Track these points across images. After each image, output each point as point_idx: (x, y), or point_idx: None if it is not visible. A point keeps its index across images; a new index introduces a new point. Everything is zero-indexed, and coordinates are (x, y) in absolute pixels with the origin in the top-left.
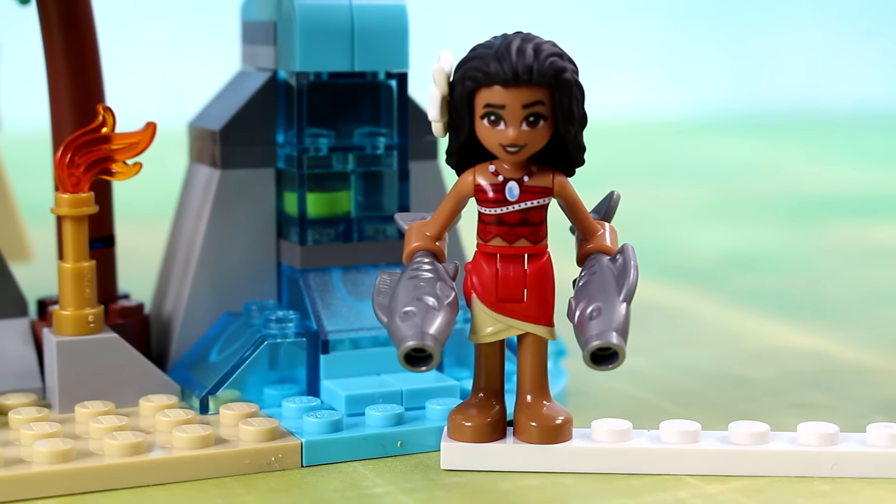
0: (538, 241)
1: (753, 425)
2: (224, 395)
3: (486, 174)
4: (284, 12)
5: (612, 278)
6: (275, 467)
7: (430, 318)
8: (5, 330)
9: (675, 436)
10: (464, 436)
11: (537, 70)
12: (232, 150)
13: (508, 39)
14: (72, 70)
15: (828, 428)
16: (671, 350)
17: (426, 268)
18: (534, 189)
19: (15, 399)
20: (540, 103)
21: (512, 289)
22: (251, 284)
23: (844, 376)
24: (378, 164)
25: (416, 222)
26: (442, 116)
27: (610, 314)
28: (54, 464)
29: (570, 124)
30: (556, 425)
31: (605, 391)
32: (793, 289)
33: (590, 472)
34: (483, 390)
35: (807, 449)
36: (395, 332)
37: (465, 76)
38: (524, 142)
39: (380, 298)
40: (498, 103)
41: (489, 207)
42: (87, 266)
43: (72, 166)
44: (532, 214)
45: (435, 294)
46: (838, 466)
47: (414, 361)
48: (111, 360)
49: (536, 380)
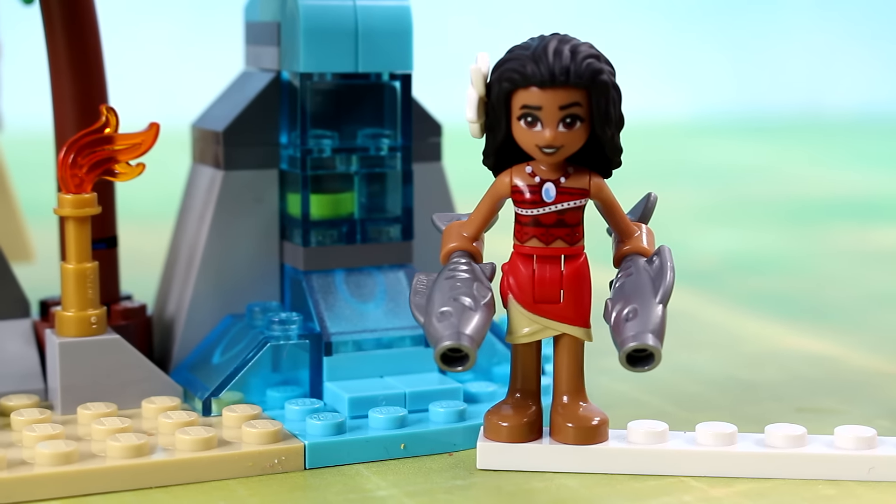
0: (575, 243)
1: (791, 428)
2: (227, 396)
3: (522, 175)
4: (288, 13)
5: (648, 280)
6: (278, 470)
7: (466, 318)
8: (7, 331)
9: (711, 438)
10: (500, 436)
11: (574, 71)
12: (235, 150)
13: (545, 41)
14: (75, 70)
15: (865, 432)
16: (675, 353)
17: (463, 268)
18: (570, 190)
19: (17, 400)
20: (577, 105)
21: (548, 289)
22: (254, 286)
23: (849, 380)
24: (382, 166)
25: (454, 223)
26: (479, 118)
27: (646, 316)
28: (56, 466)
29: (608, 125)
30: (593, 426)
31: (609, 394)
32: (796, 292)
33: (627, 473)
34: (519, 391)
35: (846, 453)
36: (431, 331)
37: (502, 77)
38: (561, 143)
39: (417, 298)
40: (535, 104)
41: (526, 208)
42: (89, 267)
43: (75, 167)
44: (569, 216)
45: (472, 294)
46: (875, 470)
47: (450, 361)
48: (113, 362)
49: (573, 380)
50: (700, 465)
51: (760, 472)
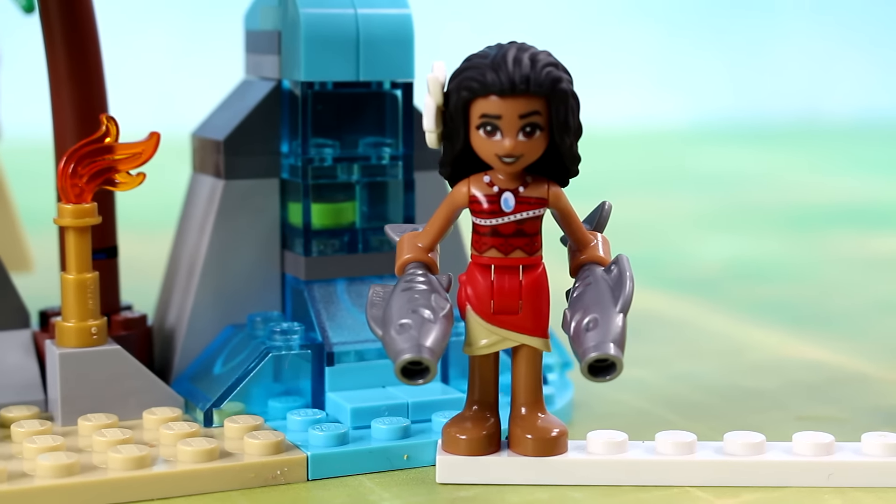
0: (533, 252)
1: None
2: (228, 407)
3: (480, 185)
4: (289, 21)
5: (607, 289)
6: (280, 481)
7: (426, 330)
8: (7, 341)
9: (672, 447)
10: (459, 449)
11: (534, 80)
12: (236, 160)
13: (504, 49)
14: (75, 79)
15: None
16: (676, 361)
17: (420, 279)
18: (529, 199)
19: (17, 412)
20: (536, 113)
21: (507, 300)
22: (255, 296)
23: (850, 388)
24: (383, 175)
25: (408, 234)
26: (437, 127)
27: (607, 325)
28: (57, 478)
29: (566, 134)
30: (552, 437)
31: (611, 403)
32: (797, 299)
33: (587, 485)
34: (477, 403)
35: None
36: (390, 344)
37: (460, 86)
38: (521, 152)
39: (374, 311)
40: (494, 113)
41: (484, 218)
42: (90, 277)
43: (75, 177)
44: (528, 225)
45: (430, 306)
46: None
47: (411, 374)
48: (114, 373)
49: (531, 392)
50: (659, 474)
51: (720, 481)
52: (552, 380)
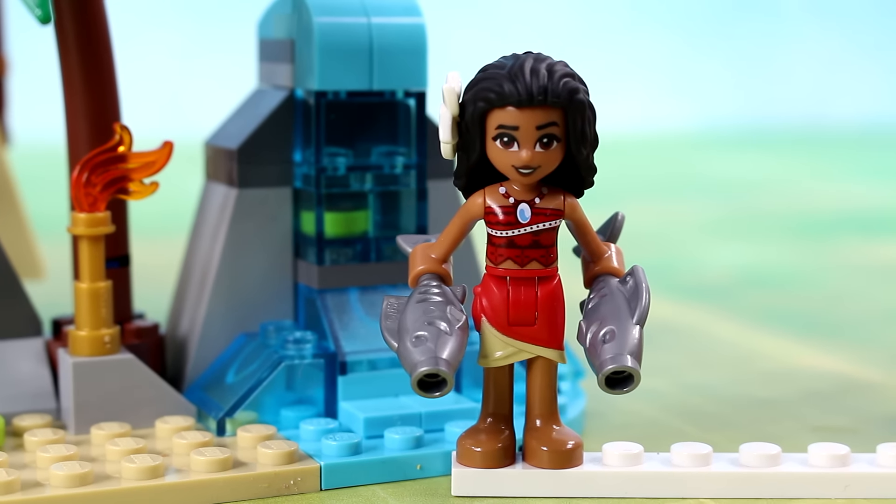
0: (549, 264)
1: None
2: (241, 416)
3: (496, 196)
4: (303, 30)
5: (623, 301)
6: (293, 491)
7: (442, 342)
8: (19, 350)
9: (687, 459)
10: (474, 461)
11: (552, 91)
12: (249, 168)
13: (521, 59)
14: (88, 89)
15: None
16: (689, 370)
17: (435, 291)
18: (545, 211)
19: (30, 420)
20: (553, 124)
21: (523, 312)
22: (268, 304)
23: (862, 397)
24: (396, 184)
25: (420, 245)
26: (452, 138)
27: (623, 337)
28: (71, 487)
29: (583, 145)
30: (568, 450)
31: (624, 413)
32: (807, 307)
33: (603, 497)
34: (492, 415)
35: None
36: (406, 357)
37: (477, 97)
38: (538, 163)
39: (388, 322)
40: (511, 124)
41: (500, 230)
42: (103, 286)
43: (88, 185)
44: (544, 237)
45: (446, 318)
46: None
47: (427, 387)
48: (127, 381)
49: (546, 404)
50: (675, 486)
51: (737, 493)
52: (564, 389)
